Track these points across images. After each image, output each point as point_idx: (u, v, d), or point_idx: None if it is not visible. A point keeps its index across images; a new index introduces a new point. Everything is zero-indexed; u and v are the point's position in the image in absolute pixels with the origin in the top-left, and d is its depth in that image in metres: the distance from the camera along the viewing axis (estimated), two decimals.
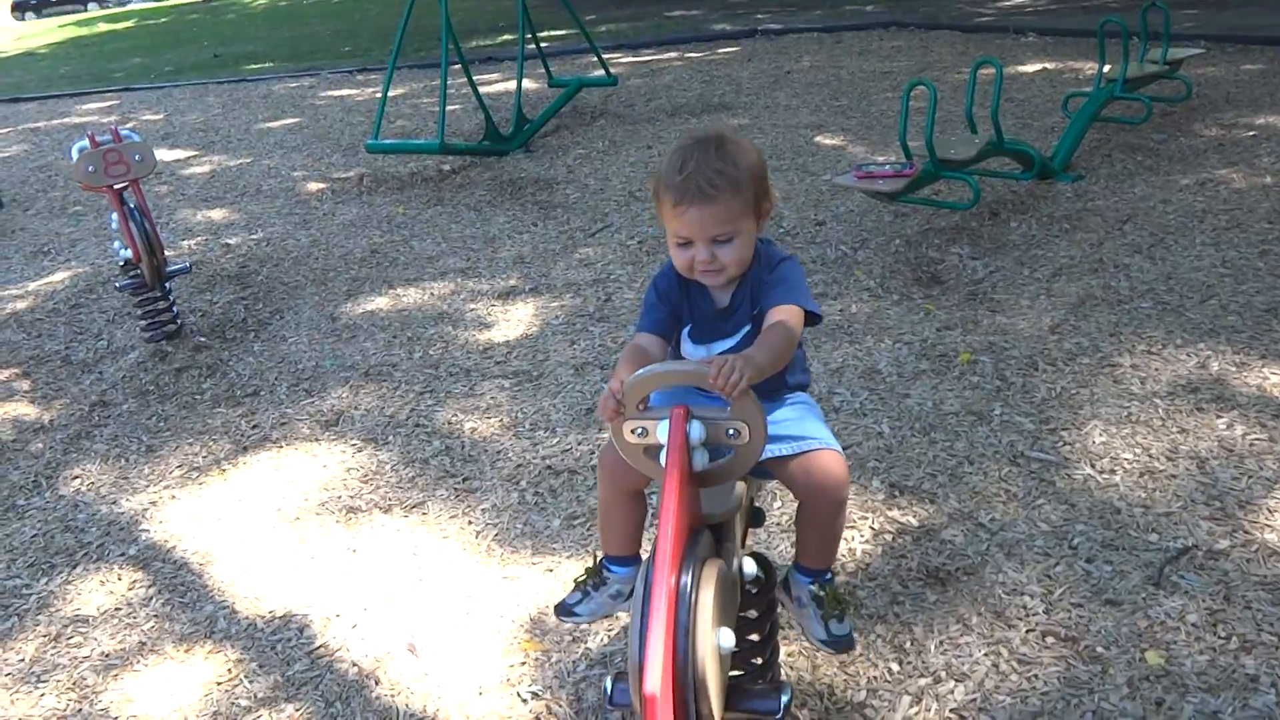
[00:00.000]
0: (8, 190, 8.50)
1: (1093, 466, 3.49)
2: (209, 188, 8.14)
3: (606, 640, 2.98)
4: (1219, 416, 3.69)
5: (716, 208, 2.18)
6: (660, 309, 2.37)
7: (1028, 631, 2.83)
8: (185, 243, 6.80)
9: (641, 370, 2.03)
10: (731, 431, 2.02)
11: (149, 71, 15.09)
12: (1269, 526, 3.11)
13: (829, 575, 2.48)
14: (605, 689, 2.10)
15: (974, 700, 2.63)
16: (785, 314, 2.21)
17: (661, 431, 2.02)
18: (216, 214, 7.43)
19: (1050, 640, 2.79)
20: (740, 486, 2.24)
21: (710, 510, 2.16)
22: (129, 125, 9.67)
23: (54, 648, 3.27)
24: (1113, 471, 3.45)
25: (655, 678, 1.72)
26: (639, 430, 2.05)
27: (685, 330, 2.40)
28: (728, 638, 1.94)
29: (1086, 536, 3.16)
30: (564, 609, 2.59)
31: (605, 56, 9.47)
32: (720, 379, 1.94)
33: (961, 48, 10.02)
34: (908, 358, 4.33)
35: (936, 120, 5.35)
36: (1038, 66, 8.91)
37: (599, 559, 2.56)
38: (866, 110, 8.19)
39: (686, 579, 1.89)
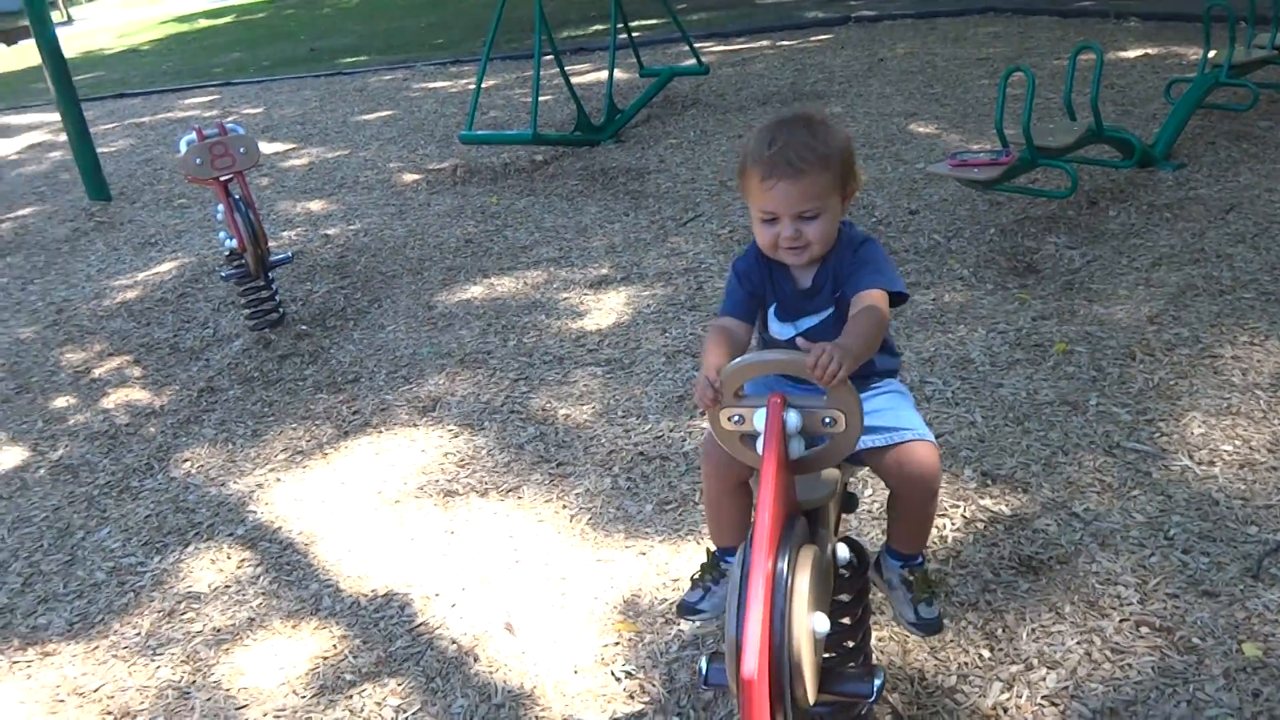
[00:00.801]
0: (115, 183, 8.78)
1: (1191, 458, 3.45)
2: (308, 180, 8.34)
3: (698, 622, 3.02)
4: None
5: (804, 183, 2.18)
6: (740, 291, 2.38)
7: (1121, 621, 2.81)
8: (285, 233, 6.98)
9: (740, 359, 2.06)
10: (828, 420, 2.04)
11: (248, 66, 15.41)
12: None
13: (920, 560, 2.50)
14: (700, 669, 2.15)
15: (1065, 688, 2.63)
16: (872, 298, 2.20)
17: (758, 419, 2.04)
18: (315, 205, 7.61)
19: (1144, 630, 2.78)
20: (834, 473, 2.26)
21: (805, 497, 2.19)
22: (231, 119, 9.93)
23: (168, 622, 3.42)
24: (1211, 463, 3.41)
25: (753, 661, 1.75)
26: (736, 418, 2.08)
27: (771, 309, 2.40)
28: (822, 622, 1.97)
29: (1183, 528, 3.13)
30: (687, 608, 2.59)
31: (696, 45, 9.47)
32: (819, 369, 1.95)
33: (1060, 33, 9.84)
34: (1001, 347, 4.31)
35: (1034, 107, 5.28)
36: (1139, 52, 8.73)
37: (712, 553, 2.57)
38: (961, 98, 8.10)
39: (783, 564, 1.92)
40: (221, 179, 5.17)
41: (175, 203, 8.13)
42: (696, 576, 2.60)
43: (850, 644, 2.44)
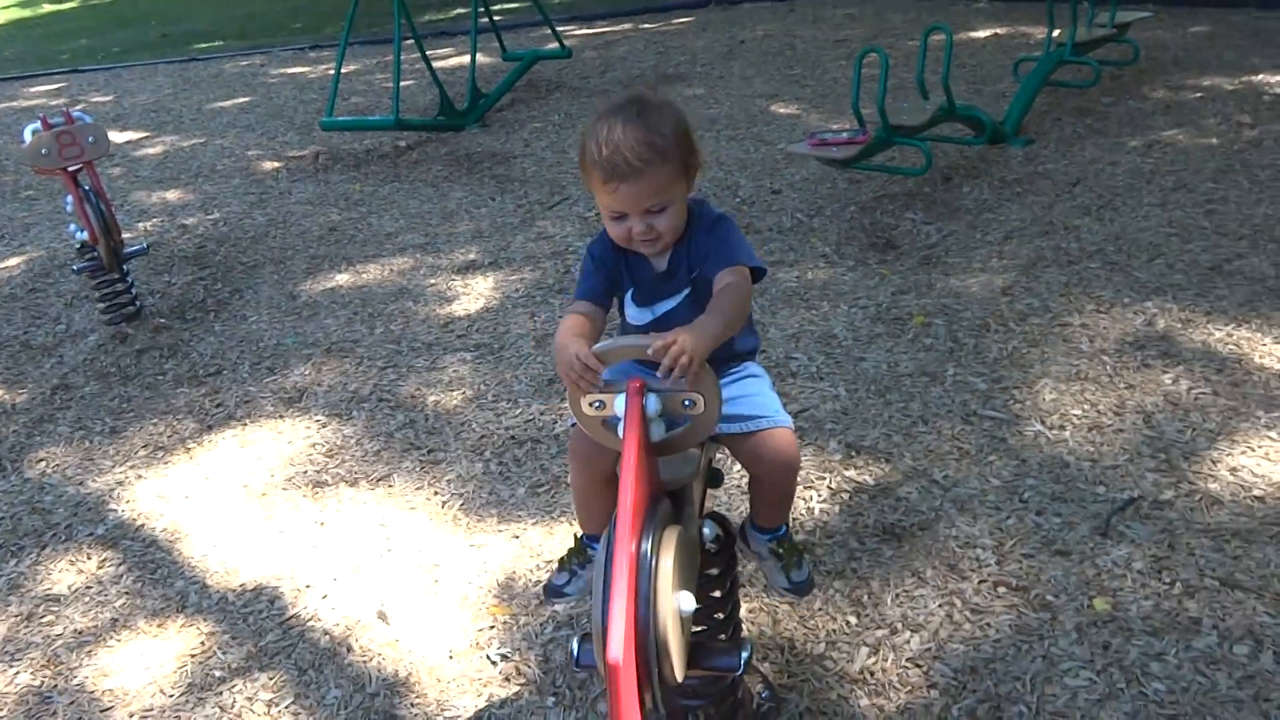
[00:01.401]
0: None
1: (1043, 423, 3.59)
2: (162, 169, 8.09)
3: (563, 606, 3.04)
4: (1165, 372, 3.80)
5: (646, 181, 2.13)
6: (595, 276, 2.35)
7: (980, 582, 2.92)
8: (141, 224, 6.77)
9: (610, 341, 2.06)
10: (687, 402, 2.06)
11: (96, 52, 14.86)
12: (1212, 476, 3.23)
13: (784, 530, 2.55)
14: (572, 651, 2.16)
15: (929, 649, 2.73)
16: (733, 276, 2.20)
17: (619, 404, 2.05)
18: (171, 195, 7.39)
19: (1002, 590, 2.89)
20: (696, 452, 2.29)
21: (669, 477, 2.21)
22: (79, 107, 9.57)
23: (26, 627, 3.30)
24: (1062, 427, 3.56)
25: (618, 646, 1.77)
26: (596, 404, 2.09)
27: (629, 294, 2.39)
28: (688, 601, 1.99)
29: (1036, 490, 3.26)
30: (553, 590, 2.60)
31: (559, 29, 9.45)
32: (671, 363, 1.95)
33: (914, 14, 10.07)
34: (863, 322, 4.41)
35: (889, 87, 5.41)
36: (989, 32, 9.00)
37: (580, 538, 2.58)
38: (820, 78, 8.25)
39: (646, 546, 1.93)
40: (70, 169, 4.99)
41: (21, 195, 7.81)
42: (563, 560, 2.62)
43: (720, 616, 2.48)
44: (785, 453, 2.32)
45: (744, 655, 2.13)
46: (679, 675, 1.95)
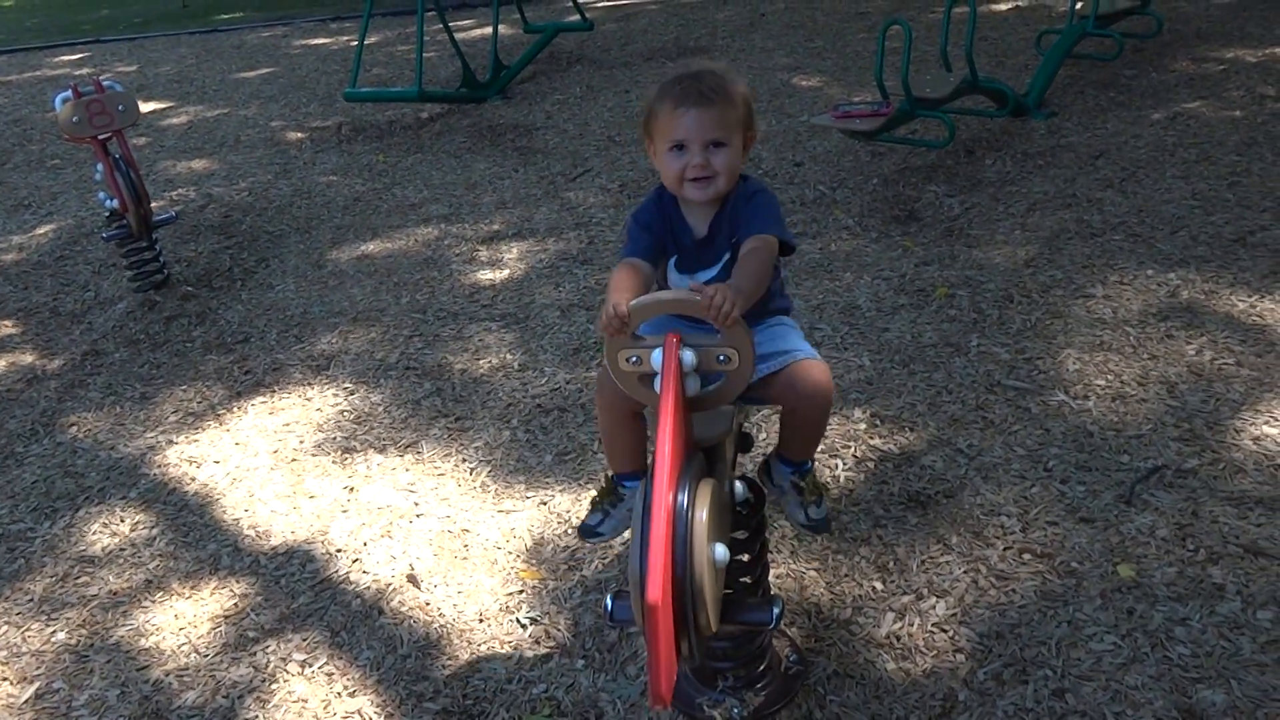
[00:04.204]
0: None
1: (1066, 393, 3.61)
2: (187, 139, 8.13)
3: (601, 567, 3.09)
4: (1188, 342, 3.81)
5: (715, 110, 2.26)
6: (645, 237, 2.41)
7: (1005, 549, 2.95)
8: (167, 194, 6.81)
9: (646, 296, 2.11)
10: (722, 357, 2.10)
11: (118, 22, 14.91)
12: (1235, 445, 3.25)
13: (808, 465, 2.58)
14: (606, 606, 2.20)
15: (955, 615, 2.76)
16: (760, 242, 2.27)
17: (655, 359, 2.09)
18: (197, 165, 7.44)
19: (1027, 557, 2.92)
20: (730, 409, 2.33)
21: (702, 435, 2.25)
22: (105, 77, 9.62)
23: (62, 587, 3.35)
24: (1086, 397, 3.58)
25: (657, 587, 1.81)
26: (633, 359, 2.13)
27: (671, 261, 2.45)
28: (722, 552, 2.03)
29: (1061, 459, 3.29)
30: (587, 530, 2.65)
31: (580, 1, 9.44)
32: (713, 310, 2.01)
33: None
34: (886, 293, 4.43)
35: (912, 59, 5.41)
36: (1011, 4, 8.97)
37: (610, 478, 2.64)
38: (842, 51, 8.24)
39: (683, 497, 1.98)
40: (100, 137, 5.03)
41: (48, 164, 7.87)
42: (595, 500, 2.67)
43: (748, 579, 2.52)
44: (820, 382, 2.36)
45: (776, 610, 2.17)
46: (714, 625, 2.00)
